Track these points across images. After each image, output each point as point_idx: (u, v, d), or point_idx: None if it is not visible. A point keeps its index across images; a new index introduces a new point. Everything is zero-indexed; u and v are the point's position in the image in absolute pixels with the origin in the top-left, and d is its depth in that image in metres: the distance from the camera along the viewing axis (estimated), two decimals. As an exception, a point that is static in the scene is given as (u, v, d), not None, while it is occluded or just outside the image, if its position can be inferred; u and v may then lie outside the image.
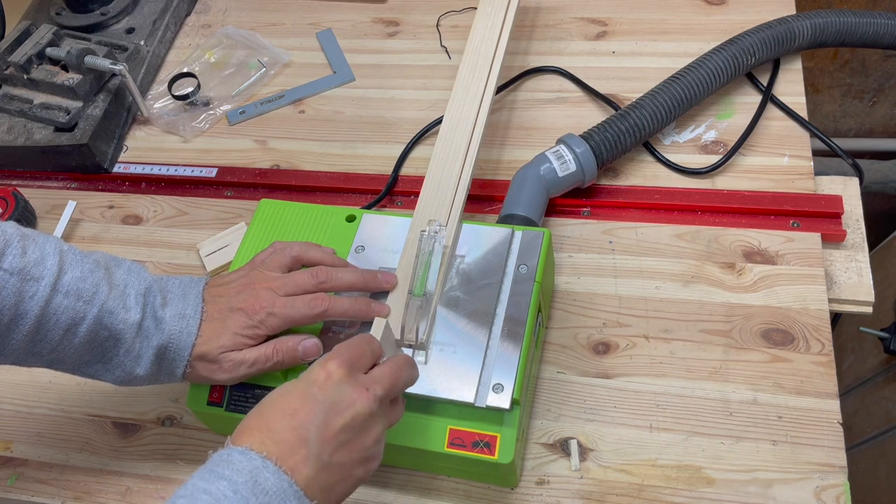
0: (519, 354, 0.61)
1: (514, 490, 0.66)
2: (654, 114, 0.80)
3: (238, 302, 0.61)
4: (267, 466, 0.45)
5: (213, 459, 0.46)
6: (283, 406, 0.49)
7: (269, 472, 0.45)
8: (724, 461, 0.65)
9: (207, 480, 0.44)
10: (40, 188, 0.97)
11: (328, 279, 0.63)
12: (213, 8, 1.13)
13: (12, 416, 0.77)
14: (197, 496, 0.43)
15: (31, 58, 0.94)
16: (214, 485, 0.44)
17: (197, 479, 0.45)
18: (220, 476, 0.44)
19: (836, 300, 0.74)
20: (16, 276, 0.54)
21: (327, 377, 0.50)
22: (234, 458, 0.45)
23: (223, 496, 0.43)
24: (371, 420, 0.50)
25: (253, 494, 0.44)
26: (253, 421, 0.48)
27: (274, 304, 0.61)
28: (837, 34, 0.87)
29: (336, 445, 0.48)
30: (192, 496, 0.44)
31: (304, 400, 0.49)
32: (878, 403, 1.23)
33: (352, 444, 0.49)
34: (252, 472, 0.45)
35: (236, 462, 0.45)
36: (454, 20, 1.03)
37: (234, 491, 0.44)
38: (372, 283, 0.65)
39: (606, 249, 0.79)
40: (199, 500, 0.43)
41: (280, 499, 0.45)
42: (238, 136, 0.97)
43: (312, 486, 0.47)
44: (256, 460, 0.45)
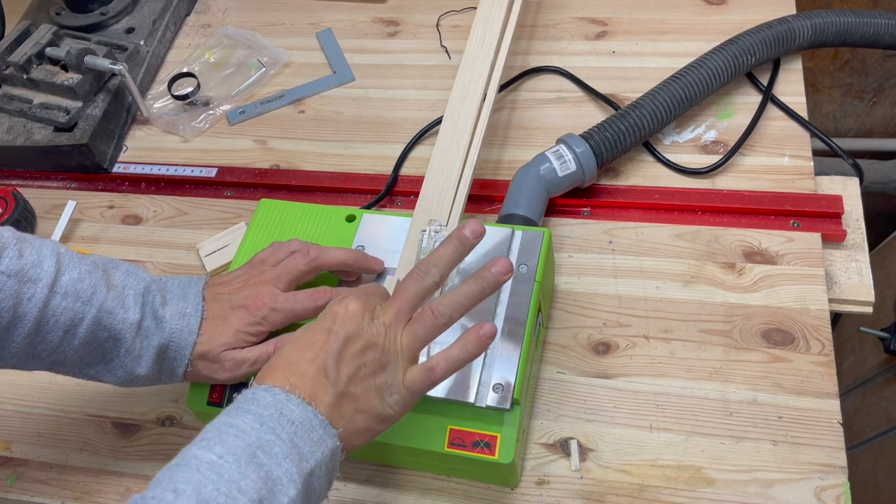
0: (519, 354, 0.61)
1: (514, 490, 0.66)
2: (654, 114, 0.80)
3: (239, 299, 0.61)
4: (291, 399, 0.47)
5: (238, 399, 0.47)
6: (304, 341, 0.50)
7: (294, 405, 0.47)
8: (725, 461, 0.64)
9: (233, 416, 0.46)
10: (40, 188, 0.97)
11: (319, 255, 0.63)
12: (212, 8, 1.13)
13: (12, 417, 0.77)
14: (224, 430, 0.44)
15: (31, 58, 0.94)
16: (241, 419, 0.45)
17: (223, 415, 0.46)
18: (246, 411, 0.46)
19: (836, 300, 0.74)
20: (13, 278, 0.54)
21: (345, 312, 0.51)
22: (258, 395, 0.47)
23: (250, 428, 0.45)
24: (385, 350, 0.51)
25: (279, 425, 0.45)
26: (276, 361, 0.50)
27: (276, 299, 0.61)
28: (838, 34, 0.87)
29: (351, 373, 0.49)
30: (217, 431, 0.45)
31: (323, 334, 0.50)
32: (879, 403, 1.23)
33: (366, 374, 0.50)
34: (277, 405, 0.46)
35: (261, 398, 0.46)
36: (454, 20, 1.03)
37: (261, 423, 0.45)
38: (363, 261, 0.65)
39: (606, 249, 0.79)
40: (227, 434, 0.44)
41: (306, 429, 0.46)
42: (238, 136, 0.97)
43: (333, 414, 0.48)
44: (280, 395, 0.47)
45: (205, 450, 0.43)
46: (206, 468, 0.42)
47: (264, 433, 0.45)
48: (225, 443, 0.44)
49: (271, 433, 0.45)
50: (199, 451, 0.43)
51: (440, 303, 0.52)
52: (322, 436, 0.47)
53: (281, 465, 0.44)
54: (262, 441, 0.44)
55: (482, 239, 0.55)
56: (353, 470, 0.69)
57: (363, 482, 0.68)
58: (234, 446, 0.44)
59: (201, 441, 0.44)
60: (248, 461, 0.43)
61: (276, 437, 0.45)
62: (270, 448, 0.44)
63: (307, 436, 0.46)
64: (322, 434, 0.47)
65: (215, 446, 0.43)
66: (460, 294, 0.53)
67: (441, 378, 0.52)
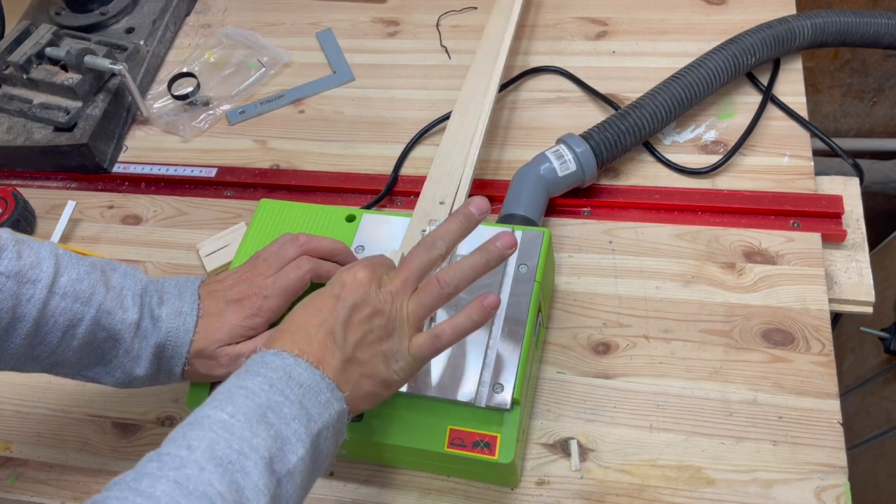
0: (519, 354, 0.61)
1: (514, 490, 0.66)
2: (654, 113, 0.80)
3: (234, 294, 0.61)
4: (299, 363, 0.48)
5: (247, 363, 0.48)
6: (312, 307, 0.51)
7: (302, 368, 0.48)
8: (725, 461, 0.64)
9: (243, 378, 0.47)
10: (40, 188, 0.97)
11: (308, 241, 0.63)
12: (212, 8, 1.13)
13: (12, 417, 0.77)
14: (234, 391, 0.46)
15: (31, 57, 0.94)
16: (250, 381, 0.46)
17: (234, 378, 0.47)
18: (256, 373, 0.47)
19: (836, 300, 0.74)
20: (12, 279, 0.54)
21: (353, 280, 0.52)
22: (267, 359, 0.48)
23: (260, 389, 0.46)
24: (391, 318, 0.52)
25: (288, 387, 0.46)
26: (284, 325, 0.51)
27: (266, 286, 0.61)
28: (838, 34, 0.87)
29: (358, 339, 0.51)
30: (228, 392, 0.46)
31: (331, 300, 0.51)
32: (879, 403, 1.23)
33: (373, 340, 0.51)
34: (285, 368, 0.47)
35: (270, 362, 0.48)
36: (454, 20, 1.03)
37: (270, 385, 0.46)
38: (351, 254, 0.66)
39: (606, 249, 0.79)
40: (237, 395, 0.45)
41: (313, 391, 0.47)
42: (238, 136, 0.97)
43: (340, 378, 0.49)
44: (289, 359, 0.48)
45: (217, 409, 0.45)
46: (218, 426, 0.43)
47: (273, 394, 0.46)
48: (236, 403, 0.45)
49: (280, 395, 0.46)
50: (212, 410, 0.45)
51: (446, 272, 0.54)
52: (329, 398, 0.48)
53: (290, 426, 0.45)
54: (272, 402, 0.46)
55: (487, 215, 0.56)
56: (353, 470, 0.69)
57: (363, 482, 0.68)
58: (244, 406, 0.45)
59: (213, 401, 0.46)
60: (258, 420, 0.44)
61: (285, 399, 0.46)
62: (280, 409, 0.45)
63: (315, 398, 0.47)
64: (329, 397, 0.48)
65: (227, 406, 0.45)
66: (466, 265, 0.54)
67: (446, 345, 0.53)
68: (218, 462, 0.42)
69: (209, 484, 0.41)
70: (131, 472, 0.42)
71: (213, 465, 0.42)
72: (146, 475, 0.41)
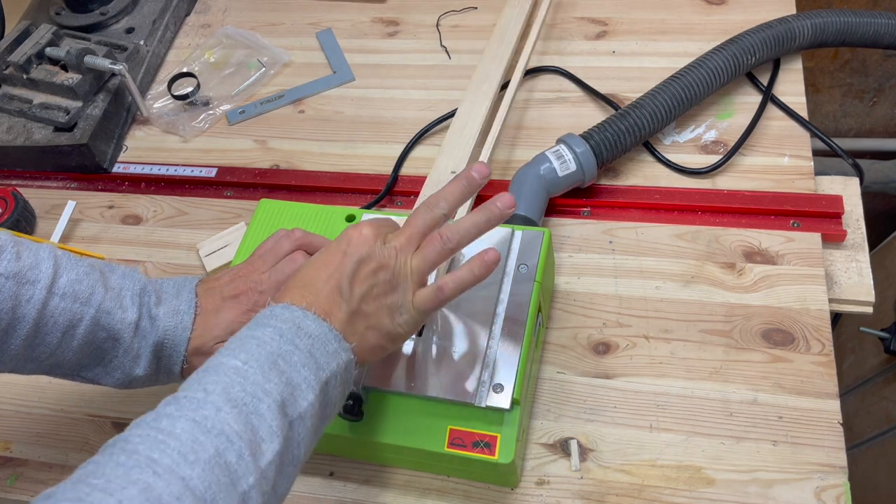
0: (519, 354, 0.61)
1: (514, 490, 0.66)
2: (654, 113, 0.80)
3: (230, 290, 0.62)
4: (307, 315, 0.50)
5: (258, 316, 0.50)
6: (319, 262, 0.53)
7: (310, 320, 0.49)
8: (725, 461, 0.64)
9: (254, 329, 0.49)
10: (40, 188, 0.97)
11: (304, 235, 0.64)
12: (212, 8, 1.13)
13: (12, 417, 0.77)
14: (245, 341, 0.48)
15: (31, 57, 0.94)
16: (261, 331, 0.48)
17: (245, 330, 0.49)
18: (266, 325, 0.49)
19: (836, 300, 0.74)
20: (11, 279, 0.54)
21: (359, 236, 0.53)
22: (276, 312, 0.50)
23: (270, 339, 0.48)
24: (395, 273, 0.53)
25: (297, 337, 0.48)
26: (292, 281, 0.53)
27: (261, 281, 0.62)
28: (838, 34, 0.87)
29: (363, 293, 0.52)
30: (240, 342, 0.48)
31: (338, 255, 0.53)
32: (879, 403, 1.23)
33: (378, 293, 0.53)
34: (294, 320, 0.49)
35: (279, 314, 0.49)
36: (454, 20, 1.03)
37: (280, 335, 0.48)
38: None
39: (606, 249, 0.79)
40: (249, 344, 0.47)
41: (321, 341, 0.49)
42: (238, 136, 0.97)
43: (347, 329, 0.51)
44: (297, 311, 0.50)
45: (230, 357, 0.46)
46: (232, 372, 0.45)
47: (283, 344, 0.48)
48: (248, 351, 0.47)
49: (290, 344, 0.48)
50: (225, 358, 0.47)
51: (448, 228, 0.55)
52: (337, 349, 0.50)
53: (300, 373, 0.47)
54: (282, 351, 0.47)
55: (488, 180, 0.57)
56: (354, 470, 0.69)
57: (363, 482, 0.68)
58: (256, 354, 0.47)
59: (226, 350, 0.47)
60: (270, 367, 0.46)
61: (295, 348, 0.48)
62: (290, 357, 0.47)
63: (323, 348, 0.49)
64: (337, 347, 0.50)
65: (240, 354, 0.47)
66: (467, 222, 0.55)
67: (449, 297, 0.54)
68: (233, 404, 0.44)
69: (226, 423, 0.43)
70: (151, 413, 0.44)
71: (229, 407, 0.43)
72: (165, 416, 0.43)
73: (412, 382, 0.61)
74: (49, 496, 0.38)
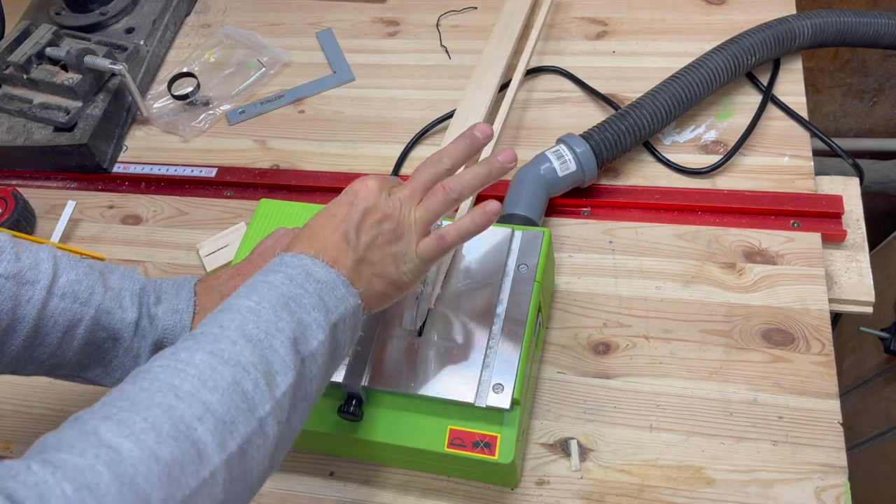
0: (519, 354, 0.61)
1: (515, 490, 0.66)
2: (654, 113, 0.80)
3: (229, 289, 0.62)
4: (315, 262, 0.51)
5: (268, 265, 0.52)
6: (327, 213, 0.55)
7: (318, 267, 0.51)
8: (725, 461, 0.64)
9: (265, 275, 0.51)
10: (40, 188, 0.97)
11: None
12: (212, 8, 1.13)
13: (12, 417, 0.77)
14: (257, 285, 0.50)
15: (31, 57, 0.94)
16: (271, 276, 0.50)
17: (256, 276, 0.51)
18: (276, 271, 0.50)
19: (836, 300, 0.74)
20: (11, 280, 0.55)
21: (365, 188, 0.55)
22: (286, 260, 0.51)
23: (280, 283, 0.49)
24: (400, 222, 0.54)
25: (306, 282, 0.50)
26: (301, 232, 0.55)
27: None
28: (838, 34, 0.87)
29: (369, 241, 0.53)
30: (252, 286, 0.50)
31: (345, 207, 0.54)
32: (879, 403, 1.23)
33: (383, 242, 0.54)
34: (303, 267, 0.51)
35: (288, 262, 0.51)
36: (454, 20, 1.03)
37: (290, 280, 0.50)
38: None
39: (606, 249, 0.79)
40: (260, 287, 0.49)
41: (330, 286, 0.51)
42: (238, 136, 0.97)
43: (353, 276, 0.53)
44: (306, 259, 0.51)
45: (243, 298, 0.48)
46: (246, 311, 0.47)
47: (293, 288, 0.49)
48: (260, 293, 0.49)
49: (300, 288, 0.49)
50: (238, 300, 0.48)
51: (451, 180, 0.56)
52: (345, 293, 0.51)
53: (310, 314, 0.49)
54: (293, 293, 0.49)
55: (490, 141, 0.58)
56: (354, 470, 0.69)
57: (363, 482, 0.68)
58: (268, 296, 0.48)
59: (239, 294, 0.49)
60: (282, 308, 0.48)
61: (305, 292, 0.49)
62: (300, 300, 0.49)
63: (332, 293, 0.51)
64: (345, 292, 0.51)
65: (252, 295, 0.48)
66: (469, 174, 0.56)
67: (451, 245, 0.55)
68: (248, 339, 0.46)
69: (241, 355, 0.44)
70: (171, 347, 0.45)
71: (245, 341, 0.45)
72: (184, 349, 0.45)
73: (412, 382, 0.61)
74: (77, 418, 0.40)
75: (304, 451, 0.70)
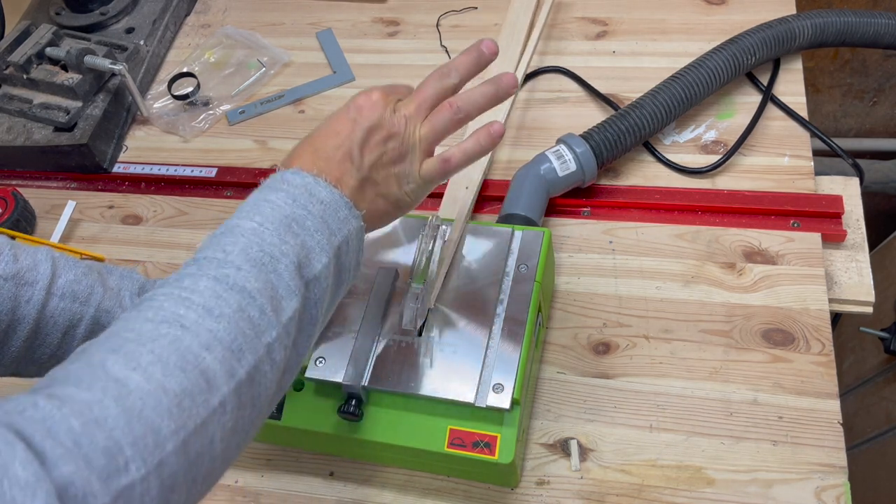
0: (519, 354, 0.61)
1: (515, 490, 0.66)
2: (654, 113, 0.80)
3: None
4: (318, 182, 0.50)
5: (267, 181, 0.50)
6: (329, 129, 0.53)
7: (321, 187, 0.50)
8: (725, 461, 0.64)
9: (266, 193, 0.49)
10: (40, 188, 0.97)
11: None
12: (212, 8, 1.13)
13: (12, 417, 0.77)
14: (259, 204, 0.48)
15: (31, 57, 0.94)
16: (274, 195, 0.48)
17: (256, 193, 0.49)
18: (279, 189, 0.49)
19: (836, 300, 0.74)
20: (10, 281, 0.55)
21: (369, 103, 0.53)
22: (288, 177, 0.50)
23: (283, 203, 0.48)
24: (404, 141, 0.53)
25: (310, 202, 0.49)
26: (302, 146, 0.53)
27: None
28: (838, 34, 0.86)
29: (373, 160, 0.52)
30: (254, 205, 0.48)
31: (348, 123, 0.53)
32: (879, 403, 1.23)
33: (386, 161, 0.53)
34: (306, 186, 0.49)
35: (290, 180, 0.49)
36: (454, 20, 1.03)
37: (293, 199, 0.48)
38: None
39: (606, 249, 0.79)
40: (262, 207, 0.48)
41: (333, 208, 0.49)
42: (238, 136, 0.97)
43: (357, 196, 0.52)
44: (308, 177, 0.50)
45: (245, 219, 0.47)
46: (249, 233, 0.46)
47: (296, 208, 0.48)
48: (263, 213, 0.47)
49: (303, 209, 0.48)
50: (240, 220, 0.47)
51: (459, 98, 0.55)
52: (347, 215, 0.50)
53: (313, 237, 0.48)
54: (296, 215, 0.48)
55: (496, 57, 0.57)
56: (354, 470, 0.69)
57: (363, 482, 0.68)
58: (271, 216, 0.47)
59: (240, 213, 0.48)
60: (285, 230, 0.47)
61: (308, 213, 0.48)
62: (303, 221, 0.48)
63: (335, 214, 0.49)
64: (347, 214, 0.50)
65: (255, 216, 0.47)
66: (477, 92, 0.55)
67: (455, 169, 0.55)
68: (252, 263, 0.45)
69: (247, 280, 0.44)
70: (174, 274, 0.45)
71: (249, 266, 0.45)
72: (187, 276, 0.44)
73: (412, 382, 0.61)
74: (84, 350, 0.40)
75: (304, 451, 0.70)
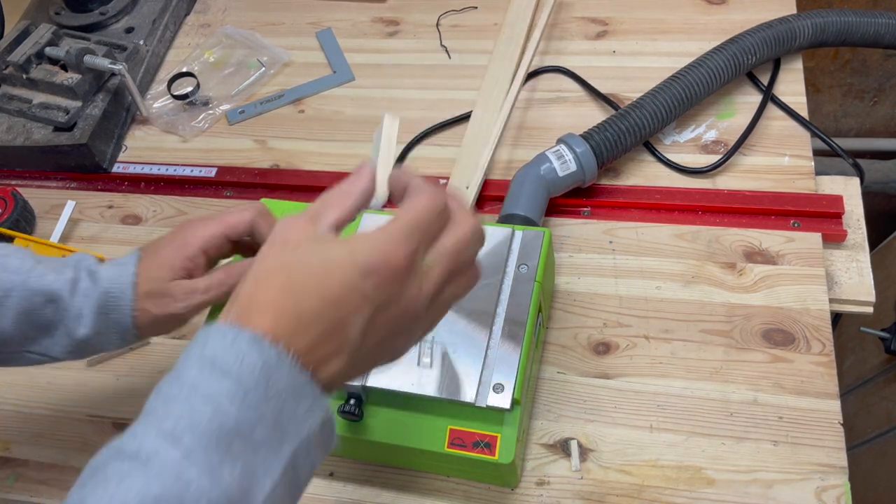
0: (519, 354, 0.61)
1: (515, 490, 0.65)
2: (654, 113, 0.80)
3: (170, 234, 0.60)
4: (282, 361, 0.37)
5: (212, 346, 0.37)
6: (325, 297, 0.39)
7: (284, 370, 0.37)
8: (725, 462, 0.64)
9: (209, 378, 0.36)
10: (39, 188, 0.97)
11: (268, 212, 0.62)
12: (212, 7, 1.13)
13: (11, 417, 0.77)
14: (197, 405, 0.35)
15: (31, 57, 0.94)
16: (216, 384, 0.36)
17: (195, 370, 0.36)
18: (227, 374, 0.36)
19: (836, 300, 0.74)
20: None
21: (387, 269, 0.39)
22: (241, 348, 0.36)
23: (230, 403, 0.35)
24: (418, 318, 0.42)
25: (265, 398, 0.36)
26: (270, 282, 0.39)
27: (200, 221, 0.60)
28: (838, 34, 0.86)
29: (378, 340, 0.41)
30: (189, 401, 0.36)
31: (356, 295, 0.39)
32: (879, 404, 1.23)
33: (389, 336, 0.42)
34: (265, 369, 0.36)
35: (246, 354, 0.36)
36: (454, 20, 1.03)
37: (243, 395, 0.35)
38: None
39: (607, 249, 0.79)
40: (201, 411, 0.35)
41: (294, 398, 0.37)
42: (238, 136, 0.97)
43: (340, 379, 0.40)
44: (271, 353, 0.37)
45: (167, 441, 0.35)
46: (168, 473, 0.34)
47: (245, 410, 0.36)
48: (197, 427, 0.35)
49: (253, 410, 0.36)
50: (160, 441, 0.35)
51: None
52: (312, 406, 0.38)
53: (259, 453, 0.36)
54: (242, 425, 0.36)
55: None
56: (353, 470, 0.69)
57: (363, 482, 0.68)
58: (207, 432, 0.35)
59: (165, 418, 0.35)
60: (224, 453, 0.35)
61: (259, 417, 0.36)
62: (250, 432, 0.36)
63: (294, 409, 0.37)
64: (312, 404, 0.38)
65: (184, 435, 0.35)
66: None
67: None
68: None
69: None
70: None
71: None
72: None
73: (412, 382, 0.61)
74: None
75: (304, 451, 0.70)
